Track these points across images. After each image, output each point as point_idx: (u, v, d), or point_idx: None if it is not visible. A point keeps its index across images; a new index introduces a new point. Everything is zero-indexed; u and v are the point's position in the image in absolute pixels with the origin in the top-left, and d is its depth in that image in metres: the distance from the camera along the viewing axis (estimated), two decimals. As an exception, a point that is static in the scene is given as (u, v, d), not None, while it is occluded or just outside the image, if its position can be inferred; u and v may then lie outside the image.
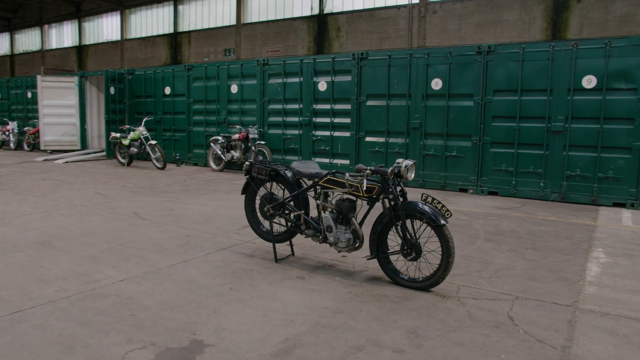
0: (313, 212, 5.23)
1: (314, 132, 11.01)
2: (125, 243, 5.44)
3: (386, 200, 4.31)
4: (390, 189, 4.24)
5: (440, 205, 4.09)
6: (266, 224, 5.25)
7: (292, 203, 4.91)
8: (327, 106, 10.79)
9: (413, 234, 4.23)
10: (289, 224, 4.91)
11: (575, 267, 4.98)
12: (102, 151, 15.34)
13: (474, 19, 19.89)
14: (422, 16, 20.85)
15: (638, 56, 7.71)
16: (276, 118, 11.52)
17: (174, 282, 4.27)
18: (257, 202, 5.20)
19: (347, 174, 4.48)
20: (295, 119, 11.22)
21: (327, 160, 10.90)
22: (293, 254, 5.17)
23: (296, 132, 11.24)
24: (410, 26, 21.14)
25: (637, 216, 7.46)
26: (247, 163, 5.16)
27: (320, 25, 23.12)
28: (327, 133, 10.85)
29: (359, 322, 3.57)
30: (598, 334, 3.45)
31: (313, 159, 11.06)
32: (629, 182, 7.95)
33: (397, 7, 21.35)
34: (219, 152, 11.61)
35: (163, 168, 11.94)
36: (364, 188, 4.25)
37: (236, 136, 11.28)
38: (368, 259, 4.47)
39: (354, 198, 4.52)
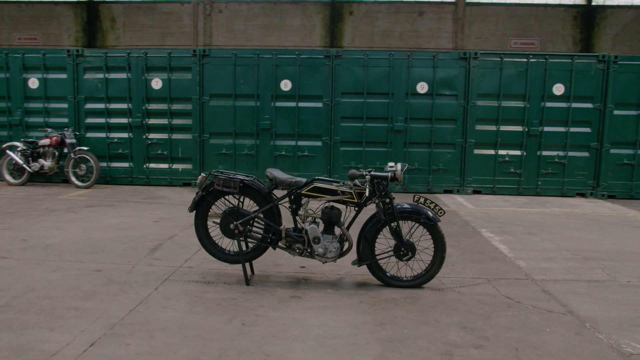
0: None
1: (147, 134, 9.77)
2: (23, 295, 3.97)
3: (380, 204, 4.28)
4: (384, 192, 4.25)
5: (433, 204, 4.30)
6: (225, 243, 4.59)
7: (261, 216, 4.40)
8: (164, 106, 9.71)
9: (408, 235, 4.34)
10: (264, 239, 4.38)
11: (488, 247, 5.84)
12: None
13: (260, 22, 20.52)
14: (208, 14, 20.44)
15: (457, 68, 9.34)
16: (97, 119, 9.77)
17: (168, 333, 3.37)
18: (213, 219, 4.48)
19: (340, 182, 4.31)
20: (124, 120, 9.74)
21: (165, 166, 9.84)
22: (253, 272, 4.64)
23: (125, 135, 9.78)
24: (196, 23, 20.48)
25: (467, 200, 9.08)
26: (203, 175, 4.38)
27: (91, 13, 20.29)
28: (165, 136, 9.78)
29: (409, 328, 3.52)
30: (577, 297, 4.20)
31: (147, 164, 9.83)
32: (454, 172, 9.60)
33: (181, 2, 20.39)
34: (20, 162, 9.21)
35: None
36: (367, 194, 4.14)
37: (46, 141, 9.14)
38: (359, 265, 4.36)
39: (339, 205, 4.35)
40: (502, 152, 9.47)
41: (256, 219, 4.37)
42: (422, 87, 9.42)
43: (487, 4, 20.32)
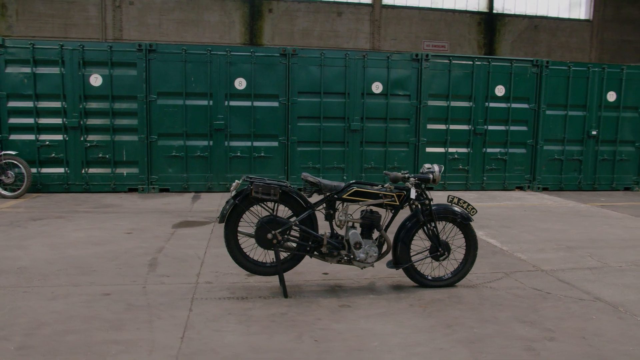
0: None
1: (86, 136, 8.78)
2: (36, 331, 3.35)
3: (414, 205, 4.25)
4: (424, 194, 4.24)
5: (466, 204, 4.37)
6: (256, 254, 4.27)
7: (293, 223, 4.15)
8: (105, 105, 8.79)
9: (444, 235, 4.37)
10: (302, 248, 4.13)
11: (480, 241, 6.07)
12: None
13: (176, 16, 19.46)
14: (118, 6, 18.91)
15: (409, 69, 9.62)
16: (24, 119, 8.56)
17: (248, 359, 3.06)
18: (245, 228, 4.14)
19: (378, 184, 4.21)
20: (57, 120, 8.64)
21: (107, 171, 8.93)
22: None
23: (59, 137, 8.69)
24: (104, 15, 18.83)
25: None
26: (238, 181, 4.01)
27: (-24, -2, 17.78)
28: (107, 137, 8.86)
29: (478, 327, 3.55)
30: (592, 284, 4.54)
31: (86, 169, 8.84)
32: (408, 169, 9.88)
33: (86, -10, 18.64)
34: None
35: None
36: (414, 196, 4.08)
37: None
38: (397, 269, 4.30)
39: (378, 209, 4.26)
40: (451, 149, 9.95)
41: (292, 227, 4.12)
42: (377, 87, 9.57)
43: (402, 7, 21.23)
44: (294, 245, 4.16)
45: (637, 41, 22.46)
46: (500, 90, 9.91)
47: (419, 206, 4.25)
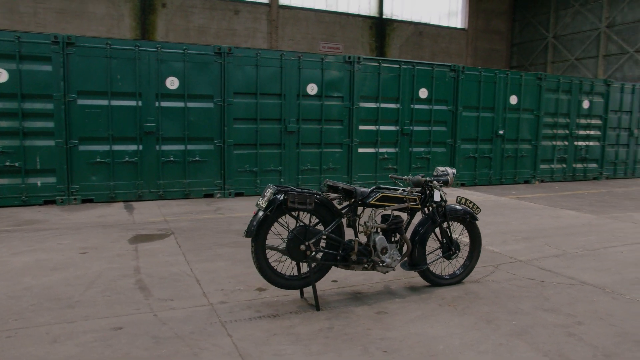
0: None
1: (-12, 142, 7.47)
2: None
3: (435, 206, 4.35)
4: (442, 197, 4.35)
5: (472, 204, 4.58)
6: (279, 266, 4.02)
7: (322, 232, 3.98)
8: (13, 105, 7.54)
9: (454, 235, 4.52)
10: (332, 257, 3.97)
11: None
12: None
13: (54, 5, 17.37)
14: (-20, -12, 16.34)
15: (342, 71, 9.76)
16: None
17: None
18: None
19: (400, 189, 4.20)
20: (-49, 123, 7.22)
21: (17, 181, 7.69)
22: (302, 296, 4.18)
23: (-47, 144, 7.27)
24: (-37, -2, 16.15)
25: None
26: (271, 190, 3.70)
27: None
28: (15, 142, 7.62)
29: (514, 320, 3.76)
30: (569, 270, 5.05)
31: (-11, 182, 7.53)
32: (342, 170, 10.03)
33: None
34: None
35: None
36: (438, 198, 4.16)
37: None
38: (415, 270, 4.36)
39: (400, 213, 4.27)
40: (382, 150, 10.32)
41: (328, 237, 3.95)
42: (312, 89, 9.55)
43: (299, 8, 21.42)
44: (320, 255, 4.00)
45: (503, 50, 25.40)
46: (423, 93, 10.51)
47: (435, 208, 4.35)
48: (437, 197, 4.19)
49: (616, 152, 13.15)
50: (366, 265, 4.10)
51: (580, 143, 12.49)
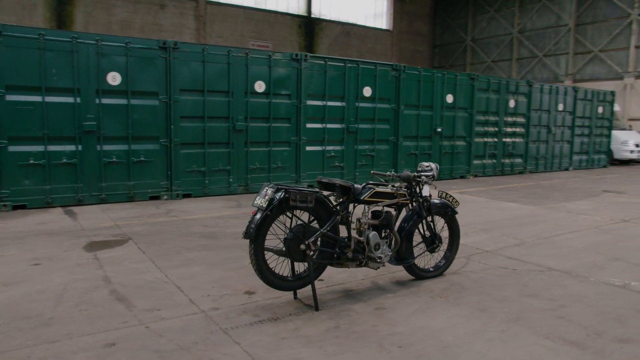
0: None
1: None
2: None
3: (421, 201, 4.43)
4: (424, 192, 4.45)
5: (451, 197, 4.73)
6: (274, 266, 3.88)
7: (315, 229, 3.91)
8: None
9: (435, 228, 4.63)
10: (329, 255, 3.90)
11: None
12: None
13: (-46, -9, 15.60)
14: None
15: (290, 68, 9.66)
16: None
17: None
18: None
19: (388, 185, 4.22)
20: None
21: None
22: (296, 296, 4.08)
23: None
24: None
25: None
26: (271, 189, 3.54)
27: None
28: None
29: (508, 307, 3.93)
30: (533, 258, 5.38)
31: None
32: (290, 169, 9.94)
33: None
34: None
35: None
36: (427, 193, 4.23)
37: None
38: (402, 265, 4.41)
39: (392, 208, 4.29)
40: (329, 147, 10.35)
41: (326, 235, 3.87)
42: (260, 86, 9.37)
43: (227, 5, 20.95)
44: (318, 253, 3.92)
45: (425, 51, 26.55)
46: (367, 92, 10.69)
47: (421, 203, 4.43)
48: (426, 192, 4.27)
49: (537, 147, 14.24)
50: (360, 262, 4.08)
51: (507, 140, 13.37)
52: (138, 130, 8.23)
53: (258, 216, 3.59)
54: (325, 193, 4.03)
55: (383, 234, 4.25)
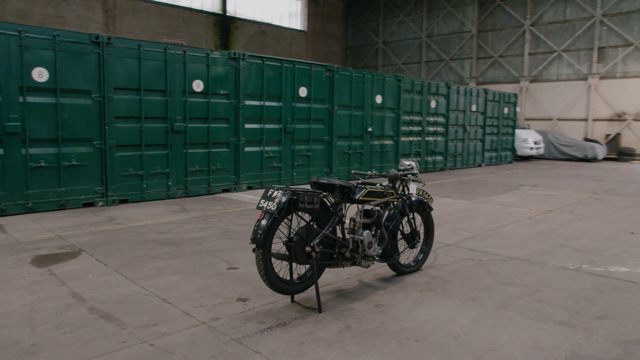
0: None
1: None
2: None
3: (405, 199, 4.56)
4: (408, 189, 4.60)
5: (427, 194, 4.94)
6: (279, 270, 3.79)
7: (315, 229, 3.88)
8: None
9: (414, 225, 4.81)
10: (329, 256, 3.88)
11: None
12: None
13: None
14: None
15: (228, 67, 9.40)
16: None
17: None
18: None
19: (378, 184, 4.31)
20: None
21: None
22: (293, 300, 4.03)
23: None
24: None
25: (252, 195, 9.44)
26: (279, 191, 3.43)
27: None
28: None
29: (490, 296, 4.21)
30: (491, 249, 5.78)
31: None
32: (230, 170, 9.68)
33: None
34: None
35: None
36: (414, 191, 4.36)
37: None
38: (390, 262, 4.52)
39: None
40: (267, 148, 10.24)
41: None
42: (198, 85, 9.02)
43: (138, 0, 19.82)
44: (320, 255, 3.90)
45: (338, 52, 27.14)
46: (303, 92, 10.73)
47: (405, 200, 4.57)
48: (413, 190, 4.42)
49: (455, 145, 15.23)
50: (354, 261, 4.12)
51: (429, 138, 14.14)
52: (69, 131, 7.54)
53: (265, 220, 3.49)
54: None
55: (373, 233, 4.33)
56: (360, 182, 4.24)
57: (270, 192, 3.55)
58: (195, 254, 5.35)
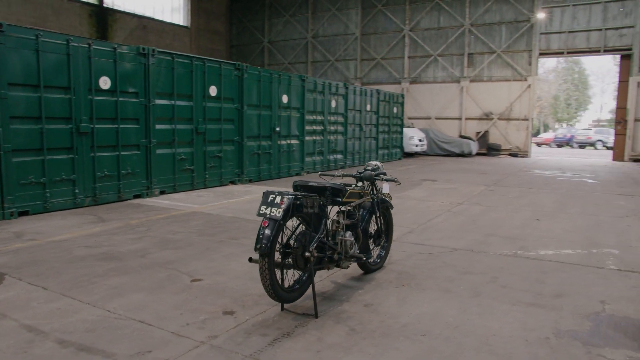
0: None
1: None
2: None
3: (375, 198, 4.67)
4: (377, 189, 4.73)
5: (387, 194, 5.10)
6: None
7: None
8: None
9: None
10: (321, 260, 3.82)
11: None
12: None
13: None
14: None
15: (137, 64, 8.68)
16: None
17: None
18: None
19: (352, 184, 4.35)
20: None
21: None
22: (283, 307, 3.91)
23: None
24: None
25: (176, 200, 8.88)
26: (284, 197, 3.27)
27: None
28: None
29: (461, 285, 4.51)
30: (437, 241, 6.16)
31: None
32: (141, 175, 8.97)
33: None
34: None
35: None
36: (387, 190, 4.47)
37: None
38: (364, 260, 4.59)
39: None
40: (179, 150, 9.68)
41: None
42: (105, 83, 8.21)
43: (-5, -18, 17.34)
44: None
45: (223, 50, 26.49)
46: (213, 91, 10.34)
47: (375, 200, 4.68)
48: (386, 189, 4.53)
49: (353, 144, 15.84)
50: (337, 263, 4.13)
51: (331, 137, 14.52)
52: (-48, 135, 6.39)
53: (270, 228, 3.33)
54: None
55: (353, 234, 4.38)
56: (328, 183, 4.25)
57: (271, 198, 3.40)
58: (147, 268, 4.90)
